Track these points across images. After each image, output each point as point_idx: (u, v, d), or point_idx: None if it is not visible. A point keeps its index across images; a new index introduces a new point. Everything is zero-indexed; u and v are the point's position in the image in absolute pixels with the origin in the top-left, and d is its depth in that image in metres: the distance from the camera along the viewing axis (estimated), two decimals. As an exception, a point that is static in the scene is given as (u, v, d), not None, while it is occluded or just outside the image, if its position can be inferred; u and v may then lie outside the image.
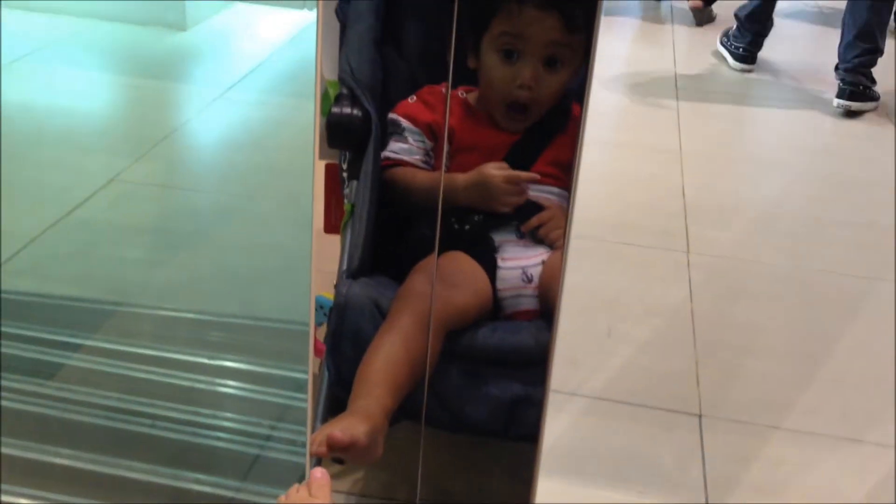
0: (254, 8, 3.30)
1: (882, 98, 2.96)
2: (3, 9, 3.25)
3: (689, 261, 2.04)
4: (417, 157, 1.17)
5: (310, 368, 1.19)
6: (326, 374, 1.11)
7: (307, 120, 1.08)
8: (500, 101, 1.13)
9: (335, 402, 1.15)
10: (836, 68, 2.92)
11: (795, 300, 1.96)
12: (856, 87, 2.86)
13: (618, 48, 3.50)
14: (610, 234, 2.13)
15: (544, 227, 1.13)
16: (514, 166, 1.13)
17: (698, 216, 2.23)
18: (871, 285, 2.02)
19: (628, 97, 2.98)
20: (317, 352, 1.19)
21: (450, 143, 1.15)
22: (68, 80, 2.85)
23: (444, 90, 1.14)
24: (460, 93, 1.17)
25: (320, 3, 1.14)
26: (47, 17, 3.29)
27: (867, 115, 2.92)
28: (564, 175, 1.14)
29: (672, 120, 2.79)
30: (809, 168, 2.61)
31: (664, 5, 3.99)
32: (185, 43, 3.22)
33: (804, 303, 1.95)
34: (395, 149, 1.17)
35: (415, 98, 1.19)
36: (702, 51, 3.45)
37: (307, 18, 3.21)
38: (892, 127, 2.87)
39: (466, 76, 1.15)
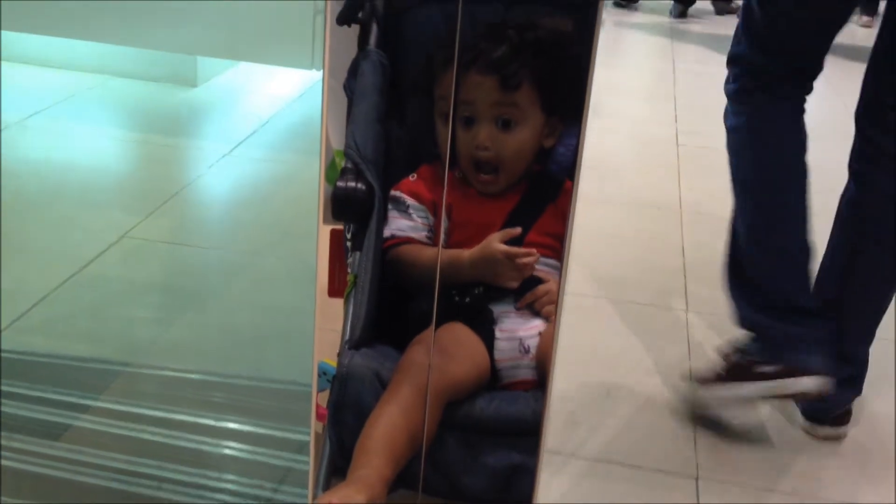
0: (262, 65, 3.36)
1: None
2: (15, 65, 3.32)
3: (687, 319, 2.07)
4: (423, 233, 1.21)
5: (311, 434, 1.22)
6: (328, 442, 1.14)
7: (313, 177, 1.13)
8: (467, 165, 1.20)
9: (337, 468, 1.17)
10: None
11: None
12: None
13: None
14: (610, 293, 2.16)
15: (538, 301, 1.16)
16: (509, 239, 1.17)
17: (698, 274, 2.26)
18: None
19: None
20: (319, 416, 1.22)
21: (449, 218, 1.20)
22: (81, 136, 2.90)
23: (439, 169, 1.20)
24: (457, 172, 1.22)
25: (325, 80, 1.18)
26: (61, 73, 3.35)
27: None
28: (558, 244, 1.18)
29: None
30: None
31: None
32: (195, 99, 3.28)
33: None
34: (401, 226, 1.21)
35: (415, 176, 1.24)
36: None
37: (314, 77, 3.27)
38: None
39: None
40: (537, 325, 1.16)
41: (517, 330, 1.16)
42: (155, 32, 2.92)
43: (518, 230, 1.17)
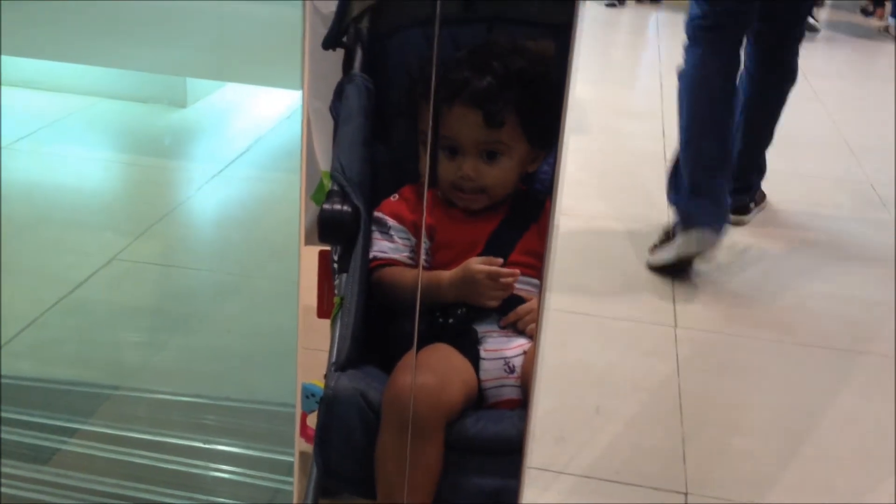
0: (252, 86, 3.38)
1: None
2: (5, 88, 3.33)
3: (676, 336, 2.08)
4: (405, 254, 1.22)
5: (296, 455, 1.22)
6: (315, 463, 1.14)
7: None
8: (449, 189, 1.21)
9: (325, 488, 1.18)
10: None
11: (780, 375, 1.99)
12: None
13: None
14: (598, 309, 2.17)
15: (522, 320, 1.17)
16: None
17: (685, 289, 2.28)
18: (854, 359, 2.05)
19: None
20: (308, 438, 1.22)
21: (431, 239, 1.20)
22: (70, 158, 2.91)
23: (421, 189, 1.21)
24: (439, 193, 1.23)
25: (305, 105, 1.19)
26: (50, 95, 3.36)
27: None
28: (540, 264, 1.18)
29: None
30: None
31: None
32: (185, 120, 3.29)
33: (789, 378, 1.98)
34: (383, 248, 1.21)
35: (397, 196, 1.24)
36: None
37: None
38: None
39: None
40: (521, 343, 1.17)
41: (502, 349, 1.16)
42: (144, 54, 2.94)
43: (500, 260, 1.17)
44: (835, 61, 5.22)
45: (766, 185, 2.84)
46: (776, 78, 2.59)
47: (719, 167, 2.33)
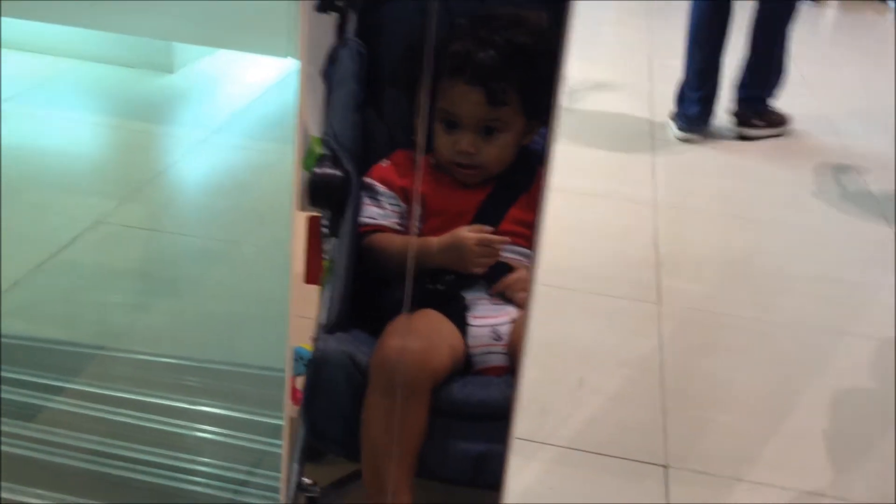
0: (239, 53, 3.36)
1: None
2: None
3: (659, 312, 2.10)
4: (394, 220, 1.22)
5: (285, 417, 1.23)
6: (302, 425, 1.15)
7: (289, 165, 1.14)
8: (447, 162, 1.21)
9: (311, 450, 1.19)
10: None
11: (762, 353, 2.01)
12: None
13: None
14: (583, 284, 2.18)
15: (510, 288, 1.18)
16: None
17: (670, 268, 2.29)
18: (836, 340, 2.07)
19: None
20: (295, 400, 1.23)
21: (422, 206, 1.21)
22: (56, 121, 2.89)
23: (414, 155, 1.21)
24: (431, 159, 1.23)
25: (302, 69, 1.19)
26: (35, 57, 3.33)
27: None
28: (529, 233, 1.19)
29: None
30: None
31: None
32: (171, 85, 3.27)
33: (771, 356, 2.00)
34: (371, 214, 1.22)
35: (387, 162, 1.25)
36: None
37: (290, 65, 3.27)
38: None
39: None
40: (509, 312, 1.18)
41: (490, 317, 1.17)
42: (132, 18, 2.91)
43: (489, 228, 1.18)
44: None
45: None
46: None
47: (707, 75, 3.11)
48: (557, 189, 1.06)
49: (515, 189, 1.23)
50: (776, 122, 3.25)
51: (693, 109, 3.13)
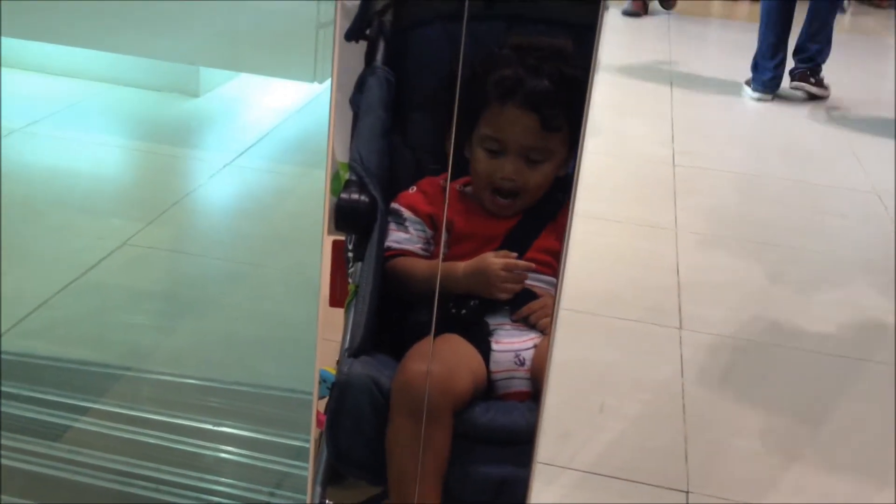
0: (265, 77, 3.40)
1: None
2: (19, 72, 3.35)
3: (680, 337, 2.10)
4: (419, 245, 1.23)
5: (311, 440, 1.24)
6: (325, 448, 1.16)
7: (313, 189, 1.16)
8: (485, 189, 1.21)
9: (333, 472, 1.20)
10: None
11: (783, 378, 2.01)
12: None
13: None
14: (604, 309, 2.19)
15: (534, 315, 1.19)
16: (508, 254, 1.20)
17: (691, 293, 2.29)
18: (857, 366, 2.07)
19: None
20: (319, 423, 1.24)
21: (449, 232, 1.22)
22: (83, 144, 2.93)
23: (442, 182, 1.22)
24: (458, 186, 1.24)
25: (333, 94, 1.21)
26: (64, 80, 3.39)
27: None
28: (554, 262, 1.20)
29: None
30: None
31: None
32: (197, 109, 3.31)
33: (791, 382, 2.00)
34: (397, 238, 1.23)
35: (415, 189, 1.26)
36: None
37: (316, 90, 3.30)
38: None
39: (464, 168, 1.22)
40: (532, 337, 1.18)
41: (513, 342, 1.18)
42: (158, 42, 2.95)
43: (515, 254, 1.19)
44: None
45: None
46: None
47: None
48: (578, 214, 1.07)
49: (543, 218, 1.24)
50: (825, 85, 4.24)
51: (767, 75, 4.14)
